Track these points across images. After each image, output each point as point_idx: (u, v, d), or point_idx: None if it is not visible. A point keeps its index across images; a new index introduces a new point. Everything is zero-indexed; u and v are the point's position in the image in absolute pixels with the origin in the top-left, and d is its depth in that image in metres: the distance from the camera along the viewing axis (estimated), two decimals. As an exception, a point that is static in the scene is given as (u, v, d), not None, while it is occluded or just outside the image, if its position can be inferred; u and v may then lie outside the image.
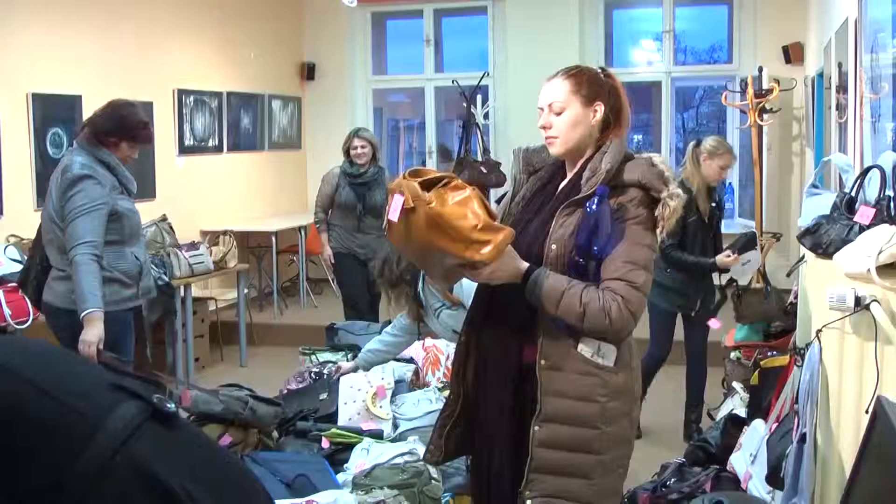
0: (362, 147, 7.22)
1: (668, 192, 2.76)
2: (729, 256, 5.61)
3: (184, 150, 8.91)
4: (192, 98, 9.00)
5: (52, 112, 7.04)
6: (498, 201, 3.25)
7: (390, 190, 2.83)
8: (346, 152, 7.33)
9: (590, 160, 2.87)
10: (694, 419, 5.91)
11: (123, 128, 4.58)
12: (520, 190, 3.08)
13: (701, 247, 5.70)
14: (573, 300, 2.68)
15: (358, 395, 4.68)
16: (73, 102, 7.14)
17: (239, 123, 9.91)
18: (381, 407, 4.64)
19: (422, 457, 3.96)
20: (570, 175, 2.95)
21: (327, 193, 7.33)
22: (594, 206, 2.71)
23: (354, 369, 4.94)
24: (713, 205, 5.82)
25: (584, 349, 2.79)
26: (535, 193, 3.03)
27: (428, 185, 2.73)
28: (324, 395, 4.89)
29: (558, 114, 2.88)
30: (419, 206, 2.68)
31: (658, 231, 2.78)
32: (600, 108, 2.88)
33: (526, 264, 2.76)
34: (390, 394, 4.72)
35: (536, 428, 2.80)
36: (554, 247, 2.77)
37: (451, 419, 3.09)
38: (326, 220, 7.39)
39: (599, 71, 2.98)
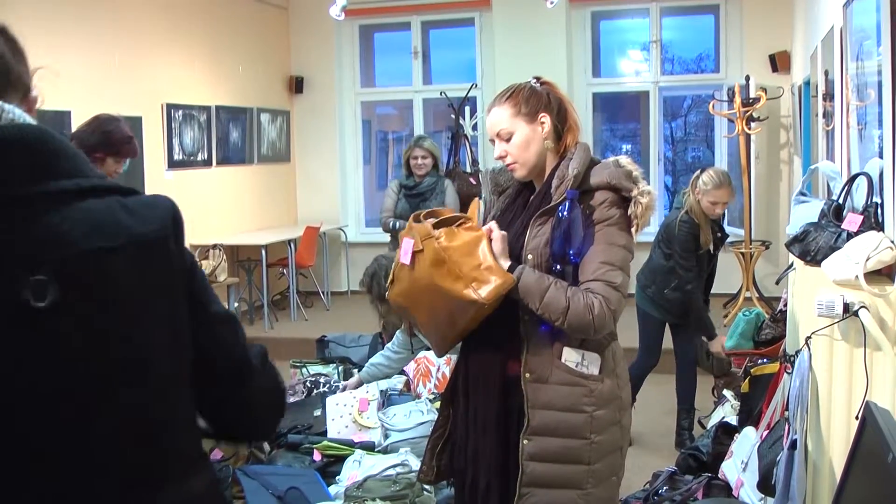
0: (423, 158, 7.04)
1: (639, 190, 2.76)
2: (720, 347, 5.79)
3: (173, 164, 8.90)
4: (180, 112, 9.00)
5: (41, 128, 7.01)
6: None
7: (401, 236, 2.85)
8: (406, 163, 7.14)
9: (556, 169, 2.88)
10: (686, 426, 5.92)
11: (109, 143, 4.55)
12: (491, 210, 3.09)
13: (703, 277, 5.80)
14: (558, 294, 2.67)
15: (344, 410, 4.70)
16: (63, 118, 7.12)
17: (228, 137, 9.91)
18: (367, 417, 4.66)
19: (416, 473, 3.98)
20: (539, 186, 2.96)
21: (390, 207, 7.12)
22: (565, 212, 2.72)
23: (359, 384, 5.00)
24: (718, 235, 5.82)
25: (568, 359, 2.79)
26: (504, 210, 3.04)
27: (442, 226, 2.77)
28: (318, 412, 4.90)
29: (508, 140, 2.88)
30: (427, 245, 2.71)
31: (633, 230, 2.79)
32: (546, 120, 2.88)
33: (508, 262, 2.77)
34: (375, 404, 4.75)
35: (525, 441, 2.79)
36: (530, 257, 2.77)
37: (441, 439, 3.08)
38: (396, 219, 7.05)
39: (535, 81, 2.97)
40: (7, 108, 1.44)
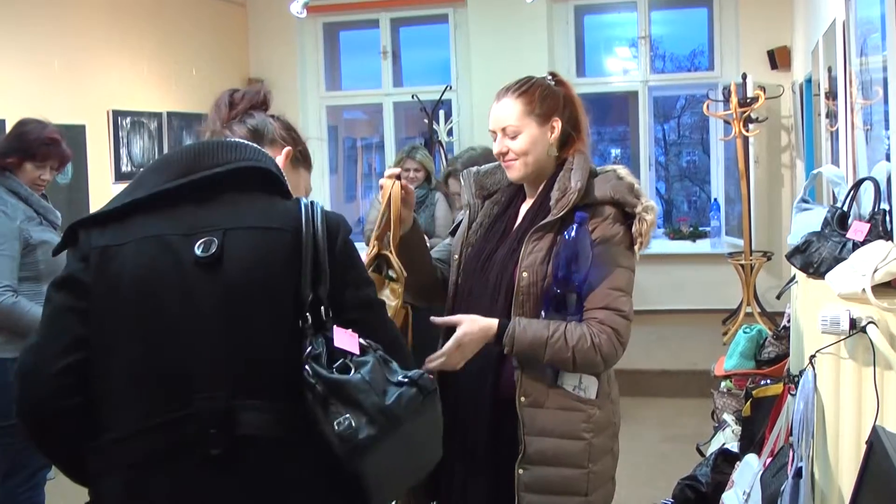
0: (415, 170, 6.96)
1: (643, 206, 2.76)
2: None
3: (121, 176, 8.82)
4: (128, 120, 8.95)
5: (-25, 138, 6.97)
6: (452, 233, 3.20)
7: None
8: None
9: (553, 179, 2.86)
10: None
11: (22, 146, 4.40)
12: (475, 217, 3.06)
13: None
14: (560, 345, 2.68)
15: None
16: (-2, 127, 7.09)
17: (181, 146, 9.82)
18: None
19: None
20: (533, 197, 2.94)
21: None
22: (573, 234, 2.71)
23: None
24: None
25: (565, 383, 2.79)
26: (494, 220, 3.01)
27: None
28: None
29: (513, 137, 2.87)
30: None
31: (636, 248, 2.79)
32: (558, 125, 2.87)
33: (494, 322, 2.76)
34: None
35: (520, 471, 2.79)
36: (525, 275, 2.76)
37: None
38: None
39: (550, 78, 2.96)
40: (249, 147, 2.24)
